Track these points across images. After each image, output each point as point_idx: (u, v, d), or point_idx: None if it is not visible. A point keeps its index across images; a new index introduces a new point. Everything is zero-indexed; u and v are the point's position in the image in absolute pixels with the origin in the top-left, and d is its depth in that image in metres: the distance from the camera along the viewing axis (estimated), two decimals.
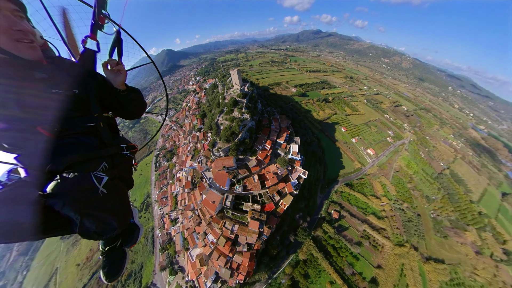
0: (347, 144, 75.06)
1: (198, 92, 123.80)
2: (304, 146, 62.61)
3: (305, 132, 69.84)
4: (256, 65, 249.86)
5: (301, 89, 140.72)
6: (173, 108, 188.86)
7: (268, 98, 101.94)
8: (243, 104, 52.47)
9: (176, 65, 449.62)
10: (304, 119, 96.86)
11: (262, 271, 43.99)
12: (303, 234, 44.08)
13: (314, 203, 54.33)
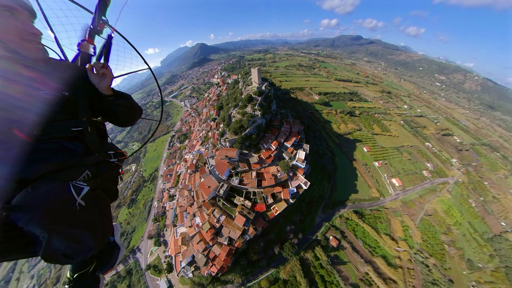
0: (367, 167, 68.18)
1: (221, 86, 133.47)
2: (314, 157, 59.89)
3: (318, 143, 66.59)
4: (282, 67, 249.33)
5: (324, 98, 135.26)
6: (195, 97, 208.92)
7: (286, 101, 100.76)
8: (257, 101, 54.41)
9: (206, 59, 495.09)
10: (321, 129, 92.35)
11: (237, 273, 43.97)
12: (290, 251, 41.48)
13: (311, 221, 50.75)
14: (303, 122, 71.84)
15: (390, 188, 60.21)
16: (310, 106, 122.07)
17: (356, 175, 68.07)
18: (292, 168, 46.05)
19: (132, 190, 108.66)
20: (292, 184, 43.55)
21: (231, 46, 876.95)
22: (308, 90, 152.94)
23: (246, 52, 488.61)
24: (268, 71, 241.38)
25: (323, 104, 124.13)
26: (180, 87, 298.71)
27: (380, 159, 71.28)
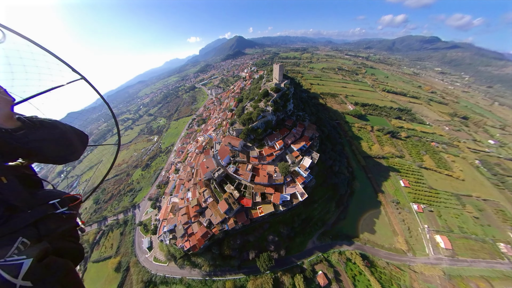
0: (399, 207, 54.84)
1: (247, 80, 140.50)
2: (326, 172, 54.46)
3: (337, 158, 60.11)
4: (318, 69, 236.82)
5: (361, 109, 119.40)
6: (222, 87, 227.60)
7: (311, 105, 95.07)
8: (272, 98, 54.87)
9: (240, 52, 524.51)
10: (346, 144, 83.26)
11: (207, 260, 46.13)
12: (266, 263, 39.70)
13: (302, 243, 46.39)
14: (322, 131, 67.44)
15: (429, 247, 44.11)
16: (339, 115, 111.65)
17: (378, 212, 55.14)
18: (292, 173, 43.99)
19: (149, 156, 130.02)
20: (287, 191, 41.57)
21: (268, 41, 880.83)
22: (342, 97, 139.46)
23: (282, 49, 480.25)
24: (301, 71, 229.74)
25: (357, 116, 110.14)
26: (210, 77, 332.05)
27: (422, 202, 54.96)
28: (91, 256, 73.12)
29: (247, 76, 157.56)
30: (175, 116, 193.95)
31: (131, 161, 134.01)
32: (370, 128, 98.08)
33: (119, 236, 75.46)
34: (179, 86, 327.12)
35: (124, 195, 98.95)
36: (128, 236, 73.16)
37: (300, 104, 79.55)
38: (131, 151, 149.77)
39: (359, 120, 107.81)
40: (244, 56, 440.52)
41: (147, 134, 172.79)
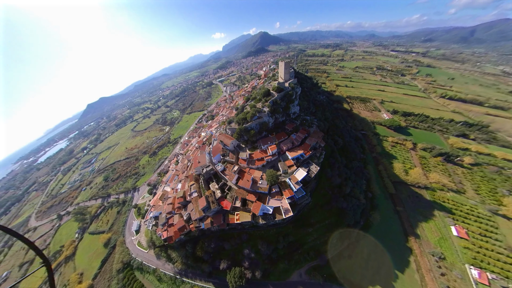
0: (442, 264, 38.47)
1: (261, 78, 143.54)
2: (332, 192, 46.70)
3: (350, 177, 50.65)
4: (350, 68, 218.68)
5: (401, 120, 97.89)
6: (238, 85, 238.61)
7: (327, 109, 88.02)
8: (272, 98, 53.77)
9: (263, 49, 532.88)
10: (370, 162, 70.22)
11: (180, 257, 48.14)
12: (235, 279, 38.06)
13: (286, 271, 40.71)
14: (335, 141, 61.61)
15: None
16: (367, 125, 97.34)
17: (405, 263, 39.71)
18: (281, 184, 41.30)
19: (158, 145, 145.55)
20: (270, 202, 39.15)
21: (295, 37, 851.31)
22: (375, 103, 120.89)
23: (310, 46, 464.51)
24: (328, 70, 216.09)
25: (393, 128, 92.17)
26: (229, 74, 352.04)
27: (490, 269, 36.43)
28: (89, 227, 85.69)
29: (263, 75, 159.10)
30: (188, 110, 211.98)
31: (142, 147, 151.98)
32: (411, 145, 79.44)
33: (115, 214, 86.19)
34: (198, 81, 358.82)
35: (129, 177, 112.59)
36: (123, 216, 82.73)
37: (311, 107, 75.68)
38: (144, 138, 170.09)
39: (396, 133, 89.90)
40: (266, 54, 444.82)
41: (161, 124, 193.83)
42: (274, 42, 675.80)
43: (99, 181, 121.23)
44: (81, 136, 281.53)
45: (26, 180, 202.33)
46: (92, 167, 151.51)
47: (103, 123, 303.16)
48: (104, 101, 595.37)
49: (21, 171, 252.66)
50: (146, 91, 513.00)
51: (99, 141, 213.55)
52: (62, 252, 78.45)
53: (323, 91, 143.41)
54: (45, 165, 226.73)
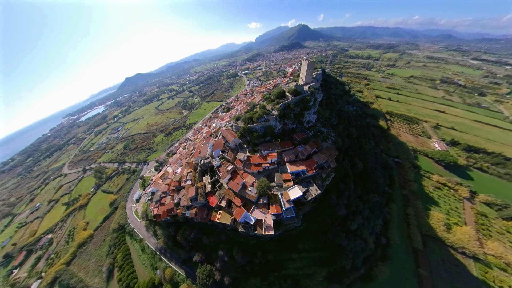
0: None
1: (286, 77, 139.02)
2: (332, 222, 40.81)
3: (361, 212, 42.47)
4: (402, 77, 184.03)
5: (461, 156, 73.57)
6: (262, 80, 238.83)
7: (354, 123, 76.12)
8: (285, 101, 50.70)
9: (298, 44, 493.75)
10: (397, 200, 56.94)
11: (163, 236, 52.74)
12: (203, 277, 39.13)
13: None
14: (354, 164, 52.11)
15: None
16: (406, 152, 78.69)
17: None
18: (270, 197, 39.19)
19: (174, 126, 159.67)
20: (254, 213, 38.02)
21: (339, 33, 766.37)
22: (426, 127, 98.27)
23: (356, 45, 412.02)
24: (370, 77, 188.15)
25: (444, 164, 69.48)
26: (256, 67, 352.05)
27: None
28: (103, 185, 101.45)
29: (289, 73, 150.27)
30: (208, 98, 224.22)
31: (160, 126, 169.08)
32: (468, 193, 57.76)
33: (125, 180, 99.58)
34: (224, 71, 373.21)
35: (144, 150, 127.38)
36: (130, 183, 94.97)
37: (333, 118, 67.73)
38: (164, 117, 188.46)
39: (448, 172, 67.56)
40: (301, 50, 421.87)
41: (181, 107, 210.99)
42: (313, 37, 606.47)
43: (119, 148, 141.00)
44: (115, 105, 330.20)
45: (68, 133, 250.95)
46: (117, 134, 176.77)
47: (134, 97, 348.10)
48: (139, 77, 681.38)
49: (66, 125, 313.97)
50: (176, 73, 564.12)
51: (127, 112, 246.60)
52: (79, 200, 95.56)
53: (356, 100, 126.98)
54: (84, 124, 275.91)
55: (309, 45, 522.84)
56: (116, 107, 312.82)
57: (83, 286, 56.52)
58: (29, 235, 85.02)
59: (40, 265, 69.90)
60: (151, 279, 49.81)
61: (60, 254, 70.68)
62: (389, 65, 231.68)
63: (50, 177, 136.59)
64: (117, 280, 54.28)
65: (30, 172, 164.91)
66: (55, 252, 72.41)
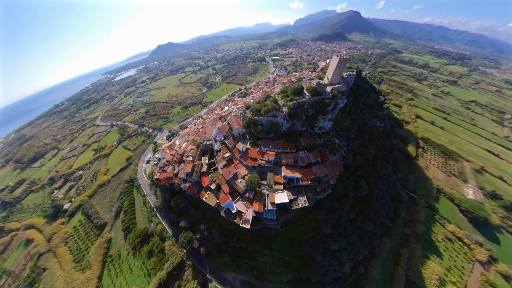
0: None
1: (315, 71, 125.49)
2: (313, 237, 39.05)
3: (351, 240, 40.15)
4: (459, 99, 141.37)
5: (498, 212, 60.54)
6: (288, 70, 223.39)
7: (375, 142, 65.80)
8: (300, 99, 46.37)
9: (342, 35, 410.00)
10: (394, 235, 52.37)
11: (161, 197, 60.99)
12: (184, 241, 44.68)
13: (225, 266, 43.73)
14: (359, 186, 45.79)
15: None
16: (427, 190, 66.22)
17: None
18: (257, 194, 39.80)
19: (191, 102, 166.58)
20: (237, 204, 39.79)
21: (398, 28, 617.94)
22: (466, 168, 79.20)
23: (413, 47, 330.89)
24: (417, 90, 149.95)
25: (470, 217, 58.26)
26: (286, 54, 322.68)
27: None
28: (123, 142, 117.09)
29: (320, 68, 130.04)
30: (229, 79, 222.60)
31: (180, 98, 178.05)
32: (485, 257, 48.00)
33: (141, 141, 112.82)
34: (252, 53, 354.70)
35: (161, 118, 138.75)
36: (145, 145, 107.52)
37: (352, 130, 60.02)
38: (185, 91, 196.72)
39: (470, 226, 56.62)
40: (343, 42, 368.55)
41: (202, 84, 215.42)
42: (362, 29, 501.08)
43: (142, 112, 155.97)
44: (145, 70, 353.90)
45: (104, 90, 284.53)
46: (142, 99, 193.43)
47: (162, 65, 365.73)
48: (170, 46, 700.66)
49: (104, 82, 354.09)
50: (204, 47, 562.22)
51: (154, 80, 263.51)
52: (104, 149, 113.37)
53: (388, 116, 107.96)
54: (117, 83, 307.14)
55: (354, 38, 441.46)
56: (145, 72, 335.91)
57: (98, 217, 70.93)
58: (66, 168, 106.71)
59: (71, 192, 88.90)
60: (146, 228, 59.88)
61: (85, 188, 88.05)
62: (448, 81, 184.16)
63: (86, 125, 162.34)
64: (121, 220, 66.54)
65: (73, 117, 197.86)
66: (82, 186, 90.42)
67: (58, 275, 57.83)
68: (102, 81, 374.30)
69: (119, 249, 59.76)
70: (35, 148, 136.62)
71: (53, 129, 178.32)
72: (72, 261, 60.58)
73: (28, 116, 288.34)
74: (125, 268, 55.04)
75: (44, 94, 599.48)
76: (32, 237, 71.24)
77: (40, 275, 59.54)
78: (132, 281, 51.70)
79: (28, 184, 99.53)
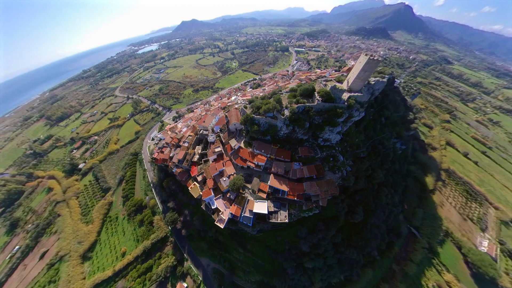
0: None
1: (340, 71, 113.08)
2: (289, 252, 38.32)
3: (328, 262, 38.88)
4: (509, 133, 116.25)
5: (509, 275, 51.35)
6: (311, 66, 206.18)
7: (387, 167, 58.04)
8: (308, 104, 40.43)
9: (384, 32, 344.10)
10: (379, 268, 49.82)
11: (156, 175, 65.64)
12: (169, 220, 48.41)
13: (201, 251, 48.28)
14: (353, 212, 41.89)
15: None
16: (433, 231, 57.75)
17: None
18: (238, 196, 38.78)
19: (203, 85, 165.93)
20: (217, 201, 39.43)
21: (455, 32, 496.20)
22: (489, 213, 67.69)
23: (468, 59, 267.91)
24: (458, 113, 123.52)
25: (474, 270, 51.35)
26: (312, 47, 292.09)
27: None
28: (135, 115, 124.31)
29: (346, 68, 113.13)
30: (245, 67, 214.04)
31: (193, 80, 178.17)
32: None
33: (150, 118, 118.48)
34: (276, 41, 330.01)
35: (172, 98, 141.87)
36: (153, 122, 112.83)
37: (363, 148, 52.01)
38: (199, 73, 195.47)
39: (471, 280, 50.47)
40: (383, 41, 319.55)
41: (217, 68, 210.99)
42: (410, 28, 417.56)
43: (156, 88, 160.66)
44: (166, 46, 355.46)
45: (127, 61, 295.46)
46: (159, 75, 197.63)
47: (183, 43, 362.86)
48: (193, 24, 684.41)
49: (127, 53, 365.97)
50: (227, 28, 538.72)
51: (173, 57, 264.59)
52: (118, 120, 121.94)
53: (413, 137, 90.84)
54: (139, 57, 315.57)
55: (398, 37, 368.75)
56: (166, 48, 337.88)
57: (104, 180, 79.24)
58: (85, 131, 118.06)
59: (86, 154, 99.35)
60: (141, 200, 65.65)
61: (98, 153, 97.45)
62: (502, 109, 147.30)
63: (107, 94, 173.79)
64: (122, 188, 73.58)
65: (97, 85, 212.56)
66: (96, 150, 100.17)
67: (68, 222, 67.88)
68: (126, 52, 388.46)
69: (117, 213, 67.30)
70: (62, 109, 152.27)
71: (79, 93, 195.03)
72: (79, 214, 70.18)
73: (61, 77, 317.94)
74: (120, 230, 62.34)
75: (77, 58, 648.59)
76: (52, 186, 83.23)
77: (55, 218, 70.54)
78: (124, 242, 58.70)
79: (54, 140, 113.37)
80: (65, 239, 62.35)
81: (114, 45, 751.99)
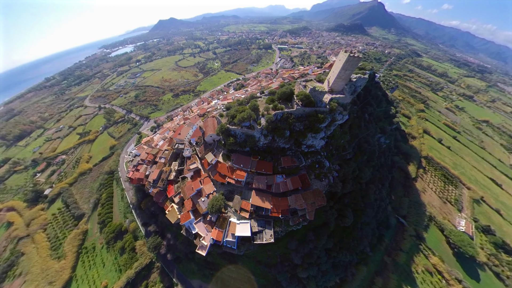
0: None
1: (322, 67, 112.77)
2: (278, 269, 37.33)
3: (325, 269, 38.68)
4: (472, 118, 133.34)
5: (484, 250, 58.81)
6: (295, 62, 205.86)
7: (376, 163, 58.20)
8: (285, 110, 37.18)
9: (361, 28, 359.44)
10: (372, 263, 50.79)
11: (134, 195, 59.64)
12: (150, 246, 44.72)
13: (191, 273, 44.37)
14: (343, 216, 40.49)
15: None
16: (418, 218, 61.45)
17: None
18: (219, 218, 35.25)
19: (184, 89, 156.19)
20: (197, 225, 36.19)
21: (422, 27, 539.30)
22: (464, 194, 74.68)
23: (435, 52, 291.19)
24: (431, 102, 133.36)
25: (455, 250, 56.41)
26: (295, 44, 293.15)
27: None
28: (109, 128, 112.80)
29: (328, 64, 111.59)
30: (228, 67, 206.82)
31: (172, 84, 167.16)
32: None
33: (127, 129, 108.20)
34: (259, 39, 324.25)
35: (150, 105, 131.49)
36: (130, 135, 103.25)
37: (349, 149, 50.66)
38: (179, 76, 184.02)
39: (454, 259, 54.31)
40: (360, 36, 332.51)
41: (198, 69, 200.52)
42: (383, 24, 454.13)
43: (131, 95, 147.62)
44: (143, 48, 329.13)
45: (97, 66, 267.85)
46: (134, 80, 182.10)
47: (161, 44, 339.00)
48: (172, 23, 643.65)
49: (98, 57, 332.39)
50: (209, 27, 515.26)
51: (150, 60, 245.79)
52: (89, 134, 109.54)
53: (396, 129, 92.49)
54: (111, 60, 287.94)
55: (374, 33, 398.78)
56: (142, 50, 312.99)
57: (76, 206, 70.49)
58: (50, 150, 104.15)
59: (53, 178, 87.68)
60: (120, 224, 59.33)
61: (67, 174, 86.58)
62: (465, 96, 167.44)
63: (74, 104, 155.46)
64: (98, 213, 66.08)
65: (62, 94, 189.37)
66: (64, 172, 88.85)
67: (35, 261, 59.06)
68: (97, 56, 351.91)
69: (94, 242, 60.23)
70: (21, 126, 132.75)
71: (41, 105, 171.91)
72: (48, 249, 61.43)
73: (19, 87, 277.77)
74: (98, 261, 55.92)
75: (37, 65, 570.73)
76: (12, 220, 71.92)
77: (18, 258, 60.98)
78: (104, 274, 52.77)
79: (12, 164, 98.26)
80: (32, 281, 54.20)
81: (82, 48, 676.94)
